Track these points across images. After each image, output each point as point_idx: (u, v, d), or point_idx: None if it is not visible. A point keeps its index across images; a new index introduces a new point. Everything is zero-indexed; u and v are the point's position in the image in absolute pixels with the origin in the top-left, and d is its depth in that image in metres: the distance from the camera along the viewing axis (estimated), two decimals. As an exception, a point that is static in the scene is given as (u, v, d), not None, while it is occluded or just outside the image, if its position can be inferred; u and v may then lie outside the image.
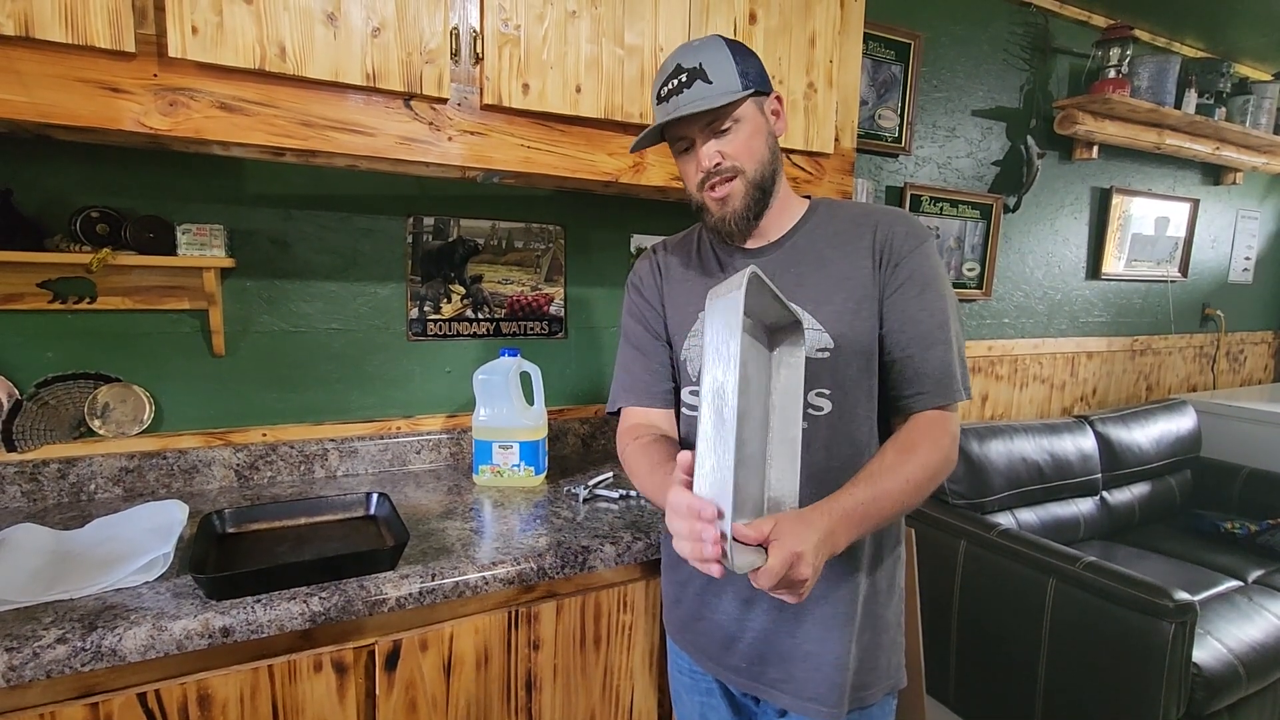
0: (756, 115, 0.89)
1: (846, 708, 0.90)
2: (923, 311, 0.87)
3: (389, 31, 1.12)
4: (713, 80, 0.85)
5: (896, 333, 0.88)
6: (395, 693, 1.01)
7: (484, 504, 1.35)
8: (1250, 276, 3.51)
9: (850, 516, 0.75)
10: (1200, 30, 2.76)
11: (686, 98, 0.85)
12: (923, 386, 0.87)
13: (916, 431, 0.86)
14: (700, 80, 0.85)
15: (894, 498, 0.80)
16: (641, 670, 1.25)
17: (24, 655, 0.78)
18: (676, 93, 0.86)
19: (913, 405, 0.88)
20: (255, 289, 1.41)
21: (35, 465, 1.25)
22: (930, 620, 2.03)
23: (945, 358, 0.87)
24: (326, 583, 0.97)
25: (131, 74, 0.98)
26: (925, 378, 0.87)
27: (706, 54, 0.86)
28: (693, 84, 0.85)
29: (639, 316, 1.05)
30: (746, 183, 0.89)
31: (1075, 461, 2.33)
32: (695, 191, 0.93)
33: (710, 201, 0.91)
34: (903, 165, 2.28)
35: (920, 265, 0.88)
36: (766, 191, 0.91)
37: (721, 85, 0.85)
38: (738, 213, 0.90)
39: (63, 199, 1.24)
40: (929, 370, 0.87)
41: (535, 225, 1.69)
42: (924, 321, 0.87)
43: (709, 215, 0.93)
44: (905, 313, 0.87)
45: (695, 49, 0.87)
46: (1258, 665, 1.70)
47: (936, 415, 0.87)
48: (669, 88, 0.87)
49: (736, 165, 0.88)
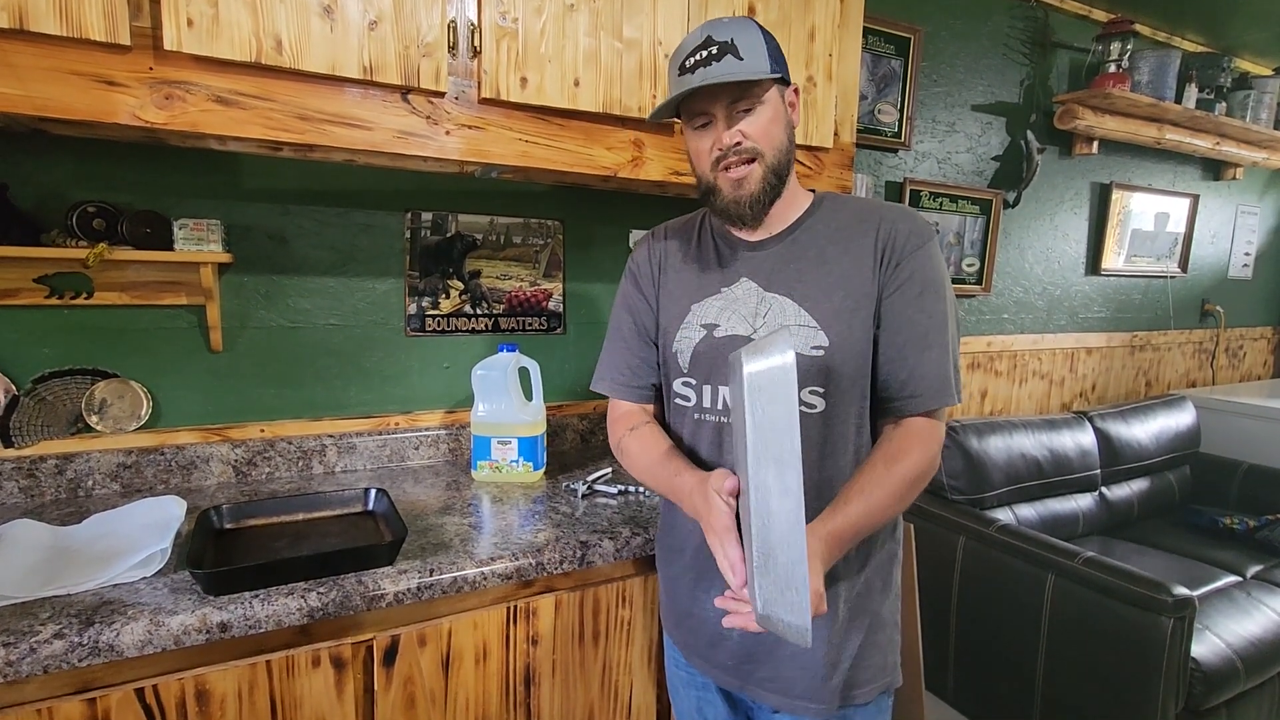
0: (779, 102, 0.88)
1: (837, 704, 0.90)
2: (921, 313, 0.86)
3: (386, 24, 1.11)
4: (744, 57, 0.82)
5: (893, 334, 0.87)
6: (394, 688, 1.01)
7: (482, 500, 1.34)
8: (1250, 272, 3.50)
9: (841, 536, 0.79)
10: (1201, 25, 2.75)
11: (717, 69, 0.81)
12: (916, 390, 0.86)
13: (908, 439, 0.86)
14: (731, 55, 0.82)
15: (883, 509, 0.82)
16: (640, 665, 1.25)
17: (21, 650, 0.78)
18: (705, 64, 0.82)
19: (905, 409, 0.87)
20: (253, 284, 1.41)
21: (32, 461, 1.25)
22: (929, 616, 2.03)
23: (941, 361, 0.86)
24: (324, 578, 0.97)
25: (127, 67, 0.98)
26: (919, 381, 0.86)
27: (739, 31, 0.83)
28: (723, 57, 0.82)
29: (630, 308, 1.05)
30: (765, 167, 0.87)
31: (1074, 457, 2.33)
32: (708, 171, 0.89)
33: (724, 182, 0.88)
34: (902, 160, 2.27)
35: (922, 266, 0.87)
36: (781, 180, 0.90)
37: (752, 64, 0.82)
38: (753, 195, 0.87)
39: (59, 194, 1.23)
40: (924, 374, 0.86)
41: (534, 220, 1.68)
42: (921, 324, 0.86)
43: (719, 196, 0.90)
44: (903, 314, 0.87)
45: (727, 25, 0.84)
46: (1256, 660, 1.70)
47: (927, 422, 0.87)
48: (697, 58, 0.83)
49: (756, 148, 0.86)
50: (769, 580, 0.64)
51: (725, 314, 0.93)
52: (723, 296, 0.94)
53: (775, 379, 0.62)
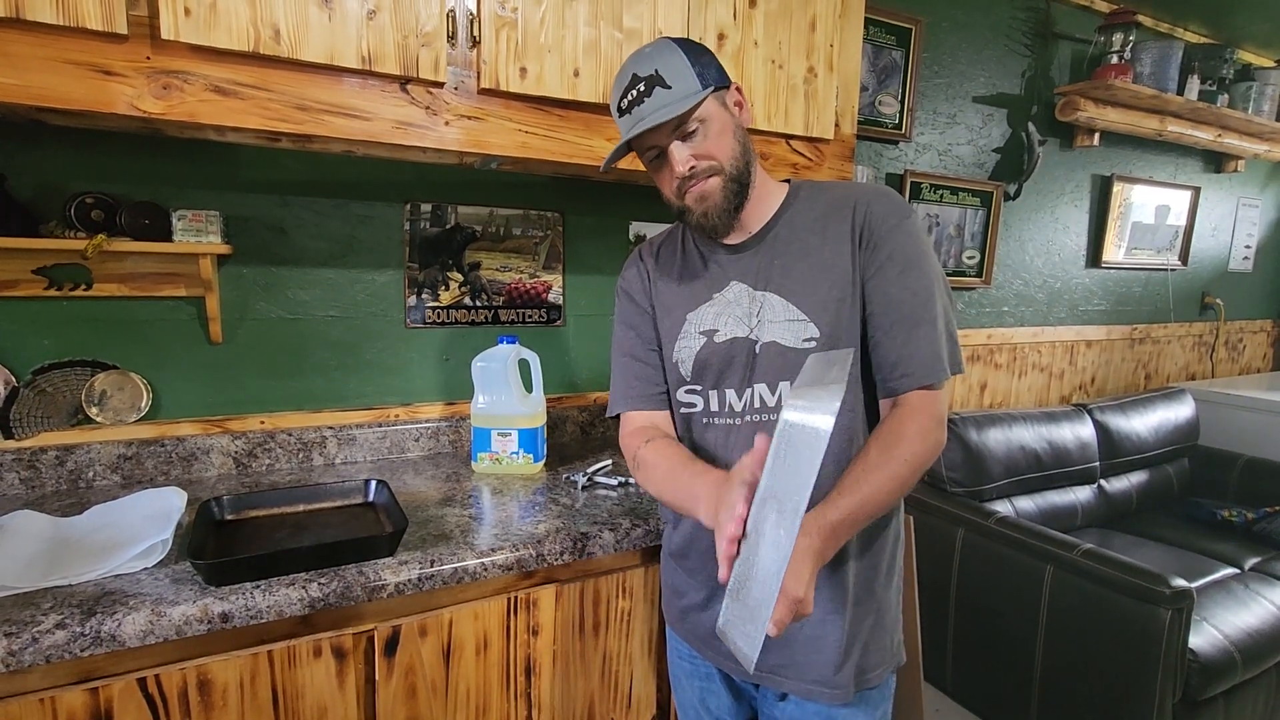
0: (721, 111, 0.88)
1: (853, 690, 0.90)
2: (905, 291, 0.86)
3: (385, 14, 1.10)
4: (671, 84, 0.84)
5: (880, 315, 0.87)
6: (395, 678, 1.02)
7: (483, 491, 1.35)
8: (1250, 265, 3.50)
9: (837, 529, 0.77)
10: (1203, 16, 2.74)
11: (649, 107, 0.84)
12: (908, 368, 0.86)
13: (902, 421, 0.85)
14: (659, 86, 0.84)
15: (880, 497, 0.80)
16: (640, 656, 1.25)
17: (23, 640, 0.78)
18: (637, 103, 0.85)
19: (899, 387, 0.86)
20: (252, 276, 1.40)
21: (33, 452, 1.25)
22: (928, 607, 2.04)
23: (931, 337, 0.85)
24: (325, 569, 0.97)
25: (124, 56, 0.97)
26: (910, 359, 0.85)
27: (660, 58, 0.85)
28: (652, 91, 0.84)
29: (631, 323, 1.05)
30: (724, 177, 0.88)
31: (1074, 450, 2.34)
32: (674, 197, 0.92)
33: (691, 200, 0.90)
34: (903, 152, 2.27)
35: (902, 244, 0.87)
36: (744, 184, 0.90)
37: (681, 88, 0.84)
38: (719, 206, 0.89)
39: (57, 185, 1.23)
40: (914, 351, 0.85)
41: (533, 212, 1.68)
42: (907, 302, 0.86)
43: (690, 216, 0.92)
44: (887, 294, 0.86)
45: (648, 55, 0.86)
46: (1253, 652, 1.70)
47: (922, 397, 0.86)
48: (629, 99, 0.86)
49: (713, 165, 0.87)
50: (737, 607, 0.65)
51: (722, 318, 0.94)
52: (715, 302, 0.95)
53: (807, 439, 0.61)
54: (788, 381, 0.89)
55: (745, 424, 0.92)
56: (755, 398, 0.91)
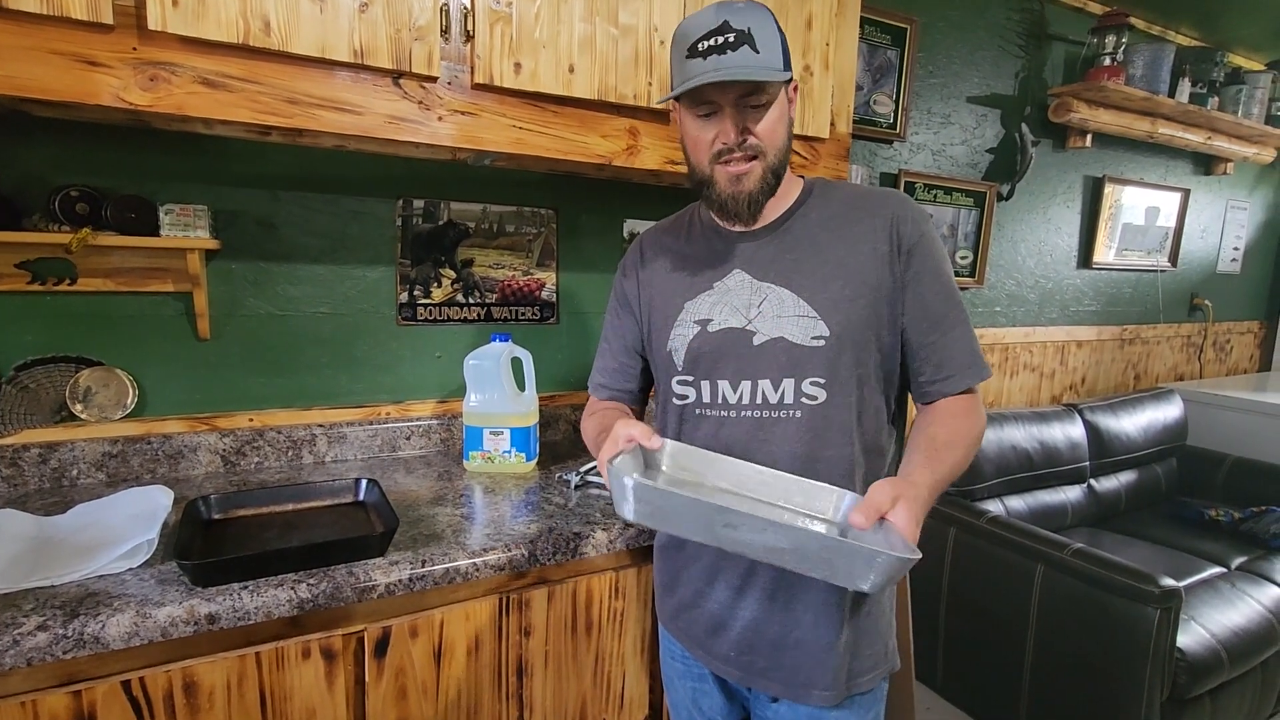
0: (784, 100, 0.87)
1: (845, 693, 0.90)
2: (937, 296, 0.89)
3: (377, 6, 1.09)
4: (760, 51, 0.80)
5: (919, 320, 0.89)
6: (385, 680, 1.01)
7: (475, 490, 1.34)
8: (1238, 266, 3.53)
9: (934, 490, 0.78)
10: (1195, 19, 2.75)
11: (733, 60, 0.79)
12: (951, 370, 0.89)
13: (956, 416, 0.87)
14: (748, 47, 0.79)
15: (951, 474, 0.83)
16: (633, 656, 1.25)
17: (4, 643, 0.77)
18: (719, 51, 0.79)
19: (944, 390, 0.89)
20: (241, 271, 1.39)
21: (15, 450, 1.23)
22: (919, 607, 2.04)
23: (966, 337, 0.89)
24: (315, 569, 0.95)
25: (110, 47, 0.95)
26: (952, 361, 0.89)
27: (756, 21, 0.81)
28: (739, 48, 0.79)
29: (617, 313, 1.08)
30: (765, 166, 0.86)
31: (1064, 449, 2.35)
32: (705, 163, 0.88)
33: (722, 176, 0.87)
34: (897, 152, 2.27)
35: (929, 250, 0.89)
36: (779, 178, 0.90)
37: (768, 59, 0.81)
38: (752, 194, 0.87)
39: (41, 177, 1.20)
40: (954, 354, 0.88)
41: (527, 209, 1.67)
42: (938, 307, 0.89)
43: (716, 190, 0.88)
44: (923, 300, 0.88)
45: (744, 11, 0.81)
46: (1240, 650, 1.72)
47: (968, 399, 0.89)
48: (710, 43, 0.80)
49: (760, 146, 0.85)
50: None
51: (718, 308, 0.93)
52: (714, 291, 0.94)
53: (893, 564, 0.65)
54: (793, 379, 0.88)
55: (742, 418, 0.91)
56: (757, 393, 0.90)
